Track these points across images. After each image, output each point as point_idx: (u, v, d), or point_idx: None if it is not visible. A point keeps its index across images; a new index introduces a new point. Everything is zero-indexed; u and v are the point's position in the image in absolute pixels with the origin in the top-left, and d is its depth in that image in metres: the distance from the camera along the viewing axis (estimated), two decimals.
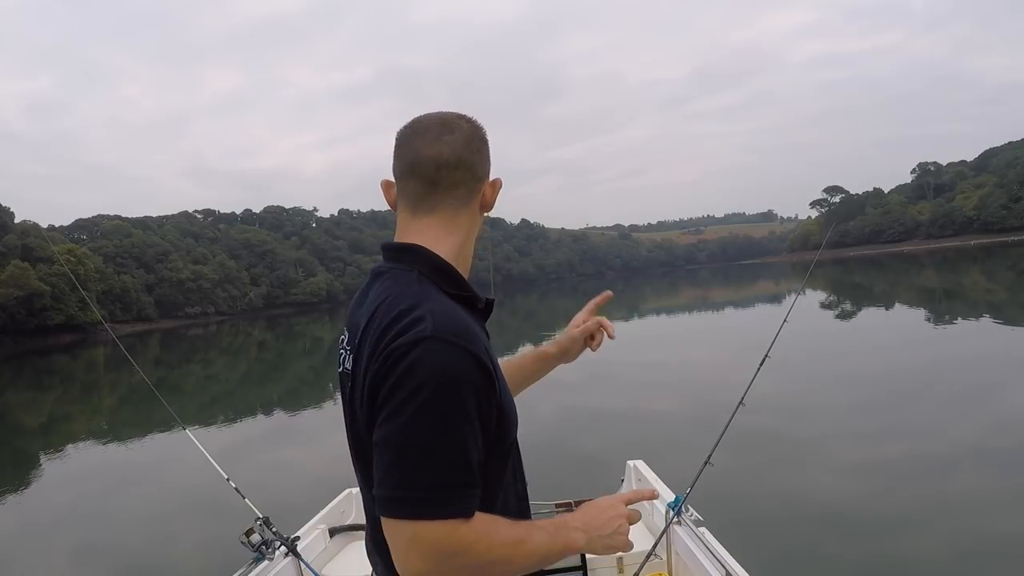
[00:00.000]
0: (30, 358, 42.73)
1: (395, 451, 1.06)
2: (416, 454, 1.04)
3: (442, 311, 1.11)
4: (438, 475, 1.04)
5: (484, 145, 1.28)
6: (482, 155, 1.27)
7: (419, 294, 1.14)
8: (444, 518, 1.04)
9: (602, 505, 1.28)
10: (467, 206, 1.26)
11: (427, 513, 1.04)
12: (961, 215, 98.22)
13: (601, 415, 10.62)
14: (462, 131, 1.24)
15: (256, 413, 15.52)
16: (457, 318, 1.12)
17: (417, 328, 1.07)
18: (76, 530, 7.66)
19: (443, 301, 1.14)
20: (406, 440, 1.05)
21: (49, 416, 18.81)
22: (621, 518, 1.26)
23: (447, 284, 1.20)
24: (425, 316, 1.08)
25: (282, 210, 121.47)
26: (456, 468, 1.05)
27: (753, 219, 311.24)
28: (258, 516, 3.13)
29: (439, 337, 1.06)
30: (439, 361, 1.05)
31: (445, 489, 1.04)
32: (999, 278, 34.66)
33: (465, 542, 1.06)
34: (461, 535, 1.05)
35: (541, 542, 1.16)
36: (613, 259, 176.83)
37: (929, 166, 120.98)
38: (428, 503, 1.04)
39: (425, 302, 1.12)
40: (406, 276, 1.19)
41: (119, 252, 79.72)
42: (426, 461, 1.04)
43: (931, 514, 5.58)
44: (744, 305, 35.75)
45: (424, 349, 1.05)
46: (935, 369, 12.00)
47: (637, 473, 3.89)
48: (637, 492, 1.37)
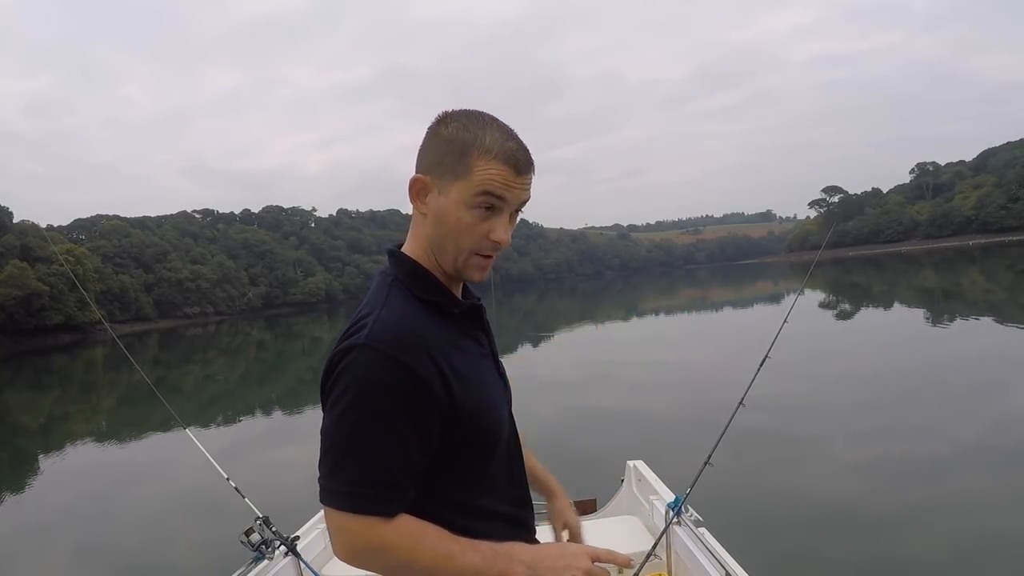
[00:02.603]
0: (29, 358, 42.66)
1: (324, 445, 1.14)
2: (338, 450, 1.12)
3: (388, 319, 1.14)
4: (355, 473, 1.11)
5: (428, 140, 1.21)
6: (425, 150, 1.21)
7: (379, 299, 1.19)
8: (361, 513, 1.11)
9: (565, 552, 1.17)
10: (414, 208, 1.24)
11: (346, 506, 1.11)
12: (960, 215, 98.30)
13: (601, 415, 10.61)
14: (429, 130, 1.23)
15: (255, 413, 15.51)
16: (403, 327, 1.14)
17: (355, 336, 1.13)
18: (75, 530, 7.65)
19: (397, 307, 1.17)
20: (331, 436, 1.13)
21: (48, 416, 18.78)
22: (580, 571, 1.14)
23: (419, 289, 1.21)
24: (367, 324, 1.14)
25: (281, 210, 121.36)
26: (374, 469, 1.11)
27: (752, 219, 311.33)
28: (258, 516, 3.13)
29: (368, 345, 1.11)
30: (362, 368, 1.10)
31: (362, 487, 1.11)
32: (998, 278, 34.66)
33: (384, 542, 1.11)
34: (379, 534, 1.11)
35: (472, 563, 1.12)
36: (612, 259, 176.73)
37: (928, 166, 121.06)
38: (347, 497, 1.11)
39: (377, 309, 1.16)
40: (383, 280, 1.23)
41: (118, 252, 79.61)
42: (345, 459, 1.11)
43: (931, 514, 5.58)
44: (743, 305, 35.72)
45: (353, 356, 1.11)
46: (934, 369, 12.00)
47: (637, 473, 3.89)
48: (612, 554, 1.19)
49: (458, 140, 1.17)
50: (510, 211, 1.20)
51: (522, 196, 1.21)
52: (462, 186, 1.16)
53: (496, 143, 1.16)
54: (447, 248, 1.21)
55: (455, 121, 1.19)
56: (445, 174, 1.17)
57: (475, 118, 1.19)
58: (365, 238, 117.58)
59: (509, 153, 1.16)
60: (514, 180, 1.17)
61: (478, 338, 1.30)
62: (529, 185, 1.22)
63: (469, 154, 1.16)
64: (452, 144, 1.17)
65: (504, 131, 1.19)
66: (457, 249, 1.20)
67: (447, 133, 1.18)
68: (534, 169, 1.22)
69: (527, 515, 1.34)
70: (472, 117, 1.20)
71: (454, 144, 1.17)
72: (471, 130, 1.17)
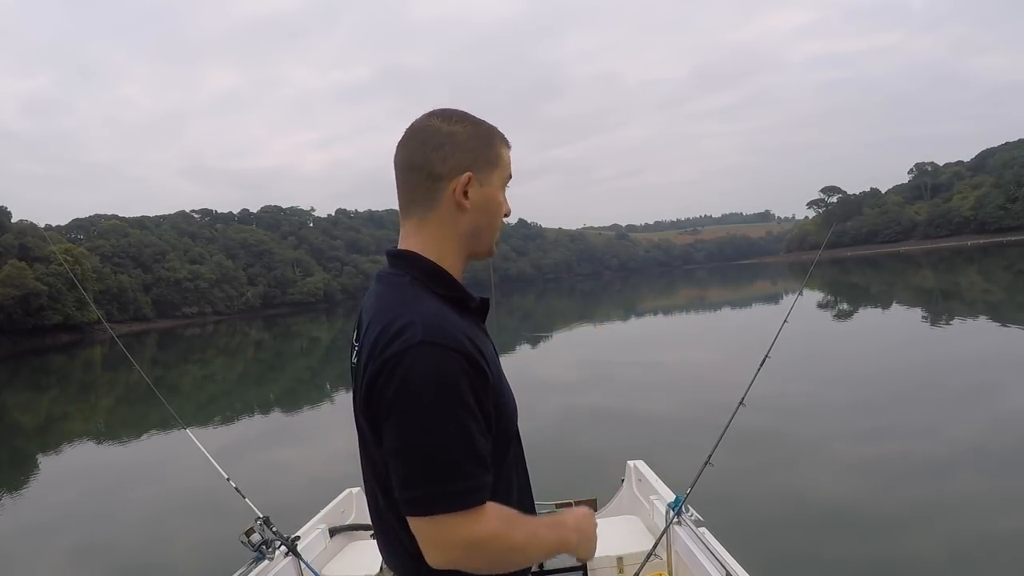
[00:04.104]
0: (27, 358, 42.64)
1: (409, 455, 1.11)
2: (429, 454, 1.10)
3: (430, 315, 1.16)
4: (453, 470, 1.10)
5: (447, 140, 1.24)
6: (442, 152, 1.24)
7: (409, 299, 1.19)
8: (464, 509, 1.11)
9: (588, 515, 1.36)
10: (434, 209, 1.26)
11: (452, 507, 1.10)
12: (958, 215, 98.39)
13: (601, 415, 10.61)
14: (425, 132, 1.26)
15: (254, 413, 15.51)
16: (445, 320, 1.16)
17: (407, 335, 1.12)
18: (75, 530, 7.64)
19: (432, 304, 1.19)
20: (416, 442, 1.11)
21: (46, 416, 18.76)
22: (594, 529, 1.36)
23: (439, 287, 1.24)
24: (414, 322, 1.13)
25: (279, 210, 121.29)
26: (468, 461, 1.11)
27: (750, 219, 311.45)
28: (258, 516, 3.13)
29: (428, 341, 1.11)
30: (431, 364, 1.10)
31: (461, 482, 1.11)
32: (996, 278, 34.72)
33: (487, 531, 1.13)
34: (482, 525, 1.12)
35: (549, 536, 1.25)
36: (610, 259, 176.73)
37: (926, 166, 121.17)
38: (448, 497, 1.10)
39: (414, 307, 1.17)
40: (399, 280, 1.24)
41: (116, 252, 79.54)
42: (440, 459, 1.10)
43: (930, 514, 5.59)
44: (742, 305, 35.76)
45: (416, 355, 1.10)
46: (933, 369, 12.02)
47: (637, 473, 3.90)
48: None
49: (482, 133, 1.27)
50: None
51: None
52: (499, 173, 1.29)
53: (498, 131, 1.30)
54: (486, 235, 1.30)
55: (458, 118, 1.26)
56: (483, 166, 1.26)
57: (464, 113, 1.29)
58: (364, 238, 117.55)
59: (504, 136, 1.32)
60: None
61: (486, 331, 1.34)
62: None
63: (494, 143, 1.28)
64: (479, 139, 1.26)
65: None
66: (493, 231, 1.31)
67: (467, 130, 1.26)
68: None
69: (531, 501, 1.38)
70: (461, 112, 1.28)
71: (481, 138, 1.26)
72: (478, 123, 1.28)
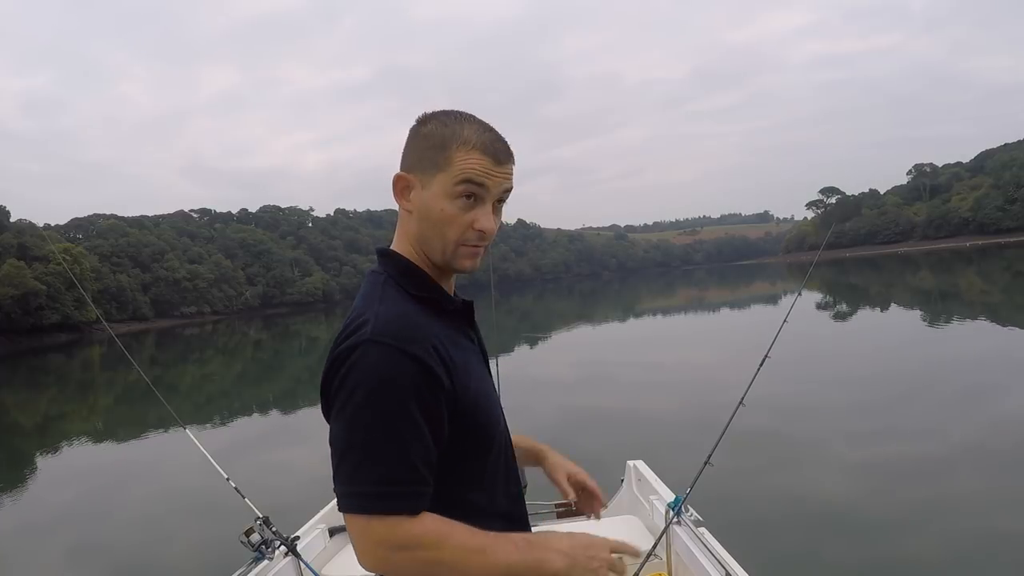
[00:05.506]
0: (25, 357, 42.60)
1: (340, 449, 1.11)
2: (357, 452, 1.09)
3: (388, 313, 1.15)
4: (379, 472, 1.08)
5: (409, 139, 1.24)
6: (407, 149, 1.24)
7: (375, 298, 1.19)
8: (388, 513, 1.08)
9: (594, 541, 1.20)
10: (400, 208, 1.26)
11: (372, 508, 1.08)
12: (957, 216, 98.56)
13: (601, 415, 10.61)
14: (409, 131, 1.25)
15: (253, 412, 15.49)
16: (405, 321, 1.14)
17: (359, 332, 1.12)
18: (73, 530, 7.63)
19: (397, 304, 1.17)
20: (347, 439, 1.10)
21: (45, 416, 18.73)
22: (605, 562, 1.18)
23: (412, 287, 1.22)
24: (369, 320, 1.13)
25: (278, 210, 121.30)
26: (397, 466, 1.09)
27: (749, 220, 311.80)
28: (258, 516, 3.12)
29: (375, 340, 1.10)
30: (373, 363, 1.09)
31: (388, 486, 1.08)
32: (994, 279, 34.72)
33: (412, 538, 1.09)
34: (406, 531, 1.09)
35: (507, 555, 1.12)
36: (609, 259, 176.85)
37: (925, 167, 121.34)
38: (372, 498, 1.08)
39: (375, 305, 1.16)
40: (375, 279, 1.24)
41: (115, 251, 79.53)
42: (366, 459, 1.08)
43: (929, 514, 5.58)
44: (741, 306, 35.75)
45: (361, 352, 1.10)
46: (932, 370, 12.02)
47: (637, 473, 3.89)
48: (625, 545, 1.23)
49: (437, 135, 1.19)
50: (492, 200, 1.21)
51: (503, 184, 1.21)
52: (444, 177, 1.18)
53: (474, 135, 1.18)
54: (434, 241, 1.21)
55: (434, 119, 1.22)
56: (427, 169, 1.19)
57: (453, 115, 1.22)
58: (363, 238, 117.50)
59: (487, 143, 1.19)
60: (493, 169, 1.19)
61: (469, 335, 1.31)
62: (511, 175, 1.23)
63: (449, 147, 1.18)
64: (432, 139, 1.19)
65: (482, 125, 1.21)
66: (444, 241, 1.21)
67: (426, 130, 1.21)
68: (514, 160, 1.24)
69: (522, 511, 1.35)
70: (451, 114, 1.22)
71: (434, 139, 1.19)
72: (449, 125, 1.20)
